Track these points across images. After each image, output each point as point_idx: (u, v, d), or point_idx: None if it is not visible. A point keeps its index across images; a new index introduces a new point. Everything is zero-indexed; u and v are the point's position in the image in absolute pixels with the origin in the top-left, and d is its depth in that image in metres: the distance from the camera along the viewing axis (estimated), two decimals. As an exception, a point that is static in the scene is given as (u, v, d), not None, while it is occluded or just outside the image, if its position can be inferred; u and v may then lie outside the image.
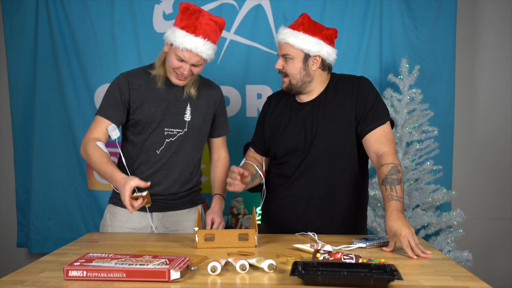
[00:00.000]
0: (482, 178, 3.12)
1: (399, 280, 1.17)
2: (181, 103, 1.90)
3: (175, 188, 1.94)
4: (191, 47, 1.74)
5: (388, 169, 1.66)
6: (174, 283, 1.22)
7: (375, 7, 2.87)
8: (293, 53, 1.82)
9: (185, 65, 1.78)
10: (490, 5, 3.05)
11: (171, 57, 1.78)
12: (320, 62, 1.84)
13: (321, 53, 1.82)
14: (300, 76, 1.83)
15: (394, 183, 1.64)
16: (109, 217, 1.96)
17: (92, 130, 1.86)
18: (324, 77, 1.89)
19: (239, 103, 2.97)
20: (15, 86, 3.01)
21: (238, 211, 2.92)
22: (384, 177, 1.66)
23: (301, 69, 1.83)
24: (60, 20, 2.92)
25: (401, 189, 1.63)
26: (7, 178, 3.16)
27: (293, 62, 1.82)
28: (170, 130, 1.89)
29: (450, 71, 2.90)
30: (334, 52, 1.86)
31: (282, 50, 1.84)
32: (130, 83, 1.86)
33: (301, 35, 1.81)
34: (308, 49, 1.80)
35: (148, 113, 1.86)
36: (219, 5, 2.92)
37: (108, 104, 1.85)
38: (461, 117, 3.03)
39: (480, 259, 2.98)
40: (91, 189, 2.99)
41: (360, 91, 1.82)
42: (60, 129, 2.97)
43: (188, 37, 1.74)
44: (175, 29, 1.77)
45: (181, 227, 1.98)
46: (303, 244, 1.55)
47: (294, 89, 1.87)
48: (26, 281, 1.24)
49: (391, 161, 1.68)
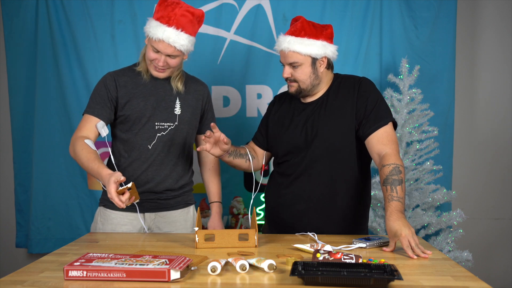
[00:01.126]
0: (482, 178, 3.12)
1: (399, 280, 1.17)
2: (170, 97, 1.91)
3: (169, 183, 1.94)
4: (163, 37, 1.75)
5: (390, 169, 1.67)
6: (174, 283, 1.22)
7: (375, 7, 2.88)
8: (301, 59, 1.81)
9: (160, 56, 1.79)
10: (490, 5, 3.06)
11: (148, 49, 1.81)
12: (326, 63, 1.85)
13: (327, 53, 1.83)
14: (310, 81, 1.84)
15: (395, 184, 1.64)
16: (100, 221, 1.95)
17: (80, 128, 1.84)
18: (329, 76, 1.91)
19: (239, 103, 2.97)
20: (15, 86, 3.00)
21: (238, 211, 2.92)
22: (385, 178, 1.66)
23: (310, 73, 1.83)
24: (60, 20, 2.92)
25: (402, 190, 1.63)
26: (6, 178, 3.16)
27: (302, 68, 1.82)
28: (161, 124, 1.89)
29: (450, 71, 2.90)
30: (336, 49, 1.88)
31: (289, 59, 1.82)
32: (116, 80, 1.87)
33: (306, 40, 1.79)
34: (316, 53, 1.80)
35: (137, 108, 1.87)
36: (219, 5, 2.92)
37: (94, 102, 1.86)
38: (461, 117, 3.03)
39: (480, 259, 2.98)
40: (91, 189, 2.99)
41: (362, 92, 1.82)
42: (60, 129, 2.97)
43: (161, 27, 1.75)
44: (151, 20, 1.80)
45: (174, 228, 1.98)
46: (303, 244, 1.55)
47: (303, 93, 1.88)
48: (26, 281, 1.24)
49: (393, 161, 1.68)
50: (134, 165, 1.91)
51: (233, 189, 2.99)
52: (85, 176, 2.99)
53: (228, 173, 2.97)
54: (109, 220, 1.93)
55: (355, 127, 1.81)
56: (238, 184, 2.99)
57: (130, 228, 1.92)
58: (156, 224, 1.96)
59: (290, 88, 1.88)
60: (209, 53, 2.93)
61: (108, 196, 1.60)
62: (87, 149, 1.77)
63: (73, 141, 1.82)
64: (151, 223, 1.95)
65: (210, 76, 2.93)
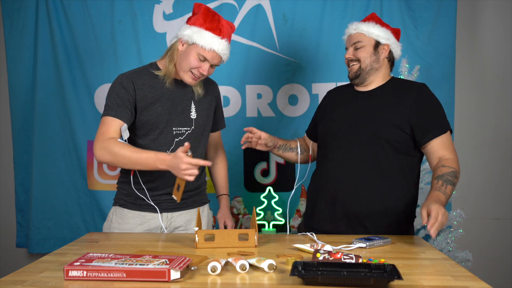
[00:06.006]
0: (482, 178, 3.11)
1: (399, 280, 1.17)
2: (186, 102, 1.91)
3: (187, 186, 1.94)
4: (217, 49, 1.79)
5: (449, 171, 1.74)
6: (174, 283, 1.22)
7: (375, 7, 2.87)
8: (365, 40, 1.90)
9: (206, 65, 1.81)
10: (490, 5, 3.05)
11: (191, 56, 1.79)
12: (388, 52, 1.92)
13: (390, 42, 1.92)
14: (370, 61, 1.90)
15: (448, 182, 1.71)
16: (116, 220, 1.93)
17: (105, 132, 1.77)
18: (388, 70, 1.96)
19: (239, 103, 2.97)
20: (15, 86, 3.01)
21: (238, 211, 2.92)
22: (442, 174, 1.73)
23: (371, 53, 1.90)
24: (60, 20, 2.92)
25: (451, 191, 1.71)
26: (6, 179, 3.16)
27: (364, 48, 1.91)
28: (178, 129, 1.89)
29: (450, 71, 2.90)
30: (400, 46, 1.98)
31: (354, 39, 1.92)
32: (134, 82, 1.84)
33: (372, 24, 1.91)
34: (379, 35, 1.90)
35: (155, 113, 1.85)
36: (219, 5, 2.92)
37: (116, 104, 1.79)
38: (461, 117, 3.03)
39: (480, 259, 2.98)
40: (91, 189, 2.99)
41: (424, 97, 1.85)
42: (60, 129, 2.97)
43: (216, 38, 1.78)
44: (199, 30, 1.79)
45: (191, 226, 1.98)
46: (303, 244, 1.55)
47: (361, 75, 1.91)
48: (26, 281, 1.24)
49: (454, 166, 1.76)
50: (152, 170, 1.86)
51: (233, 189, 2.98)
52: (85, 176, 2.99)
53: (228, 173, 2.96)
54: (126, 220, 1.92)
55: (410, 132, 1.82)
56: (238, 184, 3.00)
57: (146, 228, 1.91)
58: (173, 224, 1.95)
59: (350, 71, 1.94)
60: (209, 53, 2.93)
61: (184, 168, 1.59)
62: (127, 145, 1.73)
63: (104, 146, 1.73)
64: (167, 222, 1.94)
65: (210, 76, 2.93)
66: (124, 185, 1.94)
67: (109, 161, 1.75)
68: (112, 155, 1.72)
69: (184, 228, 1.97)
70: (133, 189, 1.89)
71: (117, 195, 1.98)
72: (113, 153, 1.72)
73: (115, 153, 1.71)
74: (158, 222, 1.92)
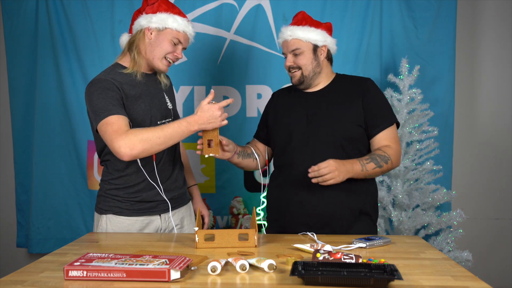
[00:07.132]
0: (482, 178, 3.12)
1: (399, 280, 1.17)
2: (160, 93, 1.92)
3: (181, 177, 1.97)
4: (188, 30, 1.83)
5: (381, 153, 1.78)
6: (174, 283, 1.22)
7: (375, 7, 2.87)
8: (303, 46, 1.88)
9: (179, 48, 1.84)
10: (490, 5, 3.05)
11: (165, 41, 1.80)
12: (326, 52, 1.92)
13: (327, 42, 1.91)
14: (312, 67, 1.89)
15: (373, 160, 1.76)
16: (111, 229, 1.84)
17: (118, 128, 1.63)
18: (329, 69, 1.96)
19: (239, 103, 2.97)
20: (15, 86, 3.01)
21: (238, 211, 2.92)
22: (372, 153, 1.79)
23: (312, 59, 1.89)
24: (60, 20, 2.92)
25: (372, 170, 1.76)
26: (7, 178, 3.16)
27: (304, 54, 1.89)
28: (162, 121, 1.87)
29: (450, 71, 2.90)
30: (335, 42, 1.96)
31: (291, 46, 1.90)
32: (114, 80, 1.76)
33: (307, 28, 1.89)
34: (316, 39, 1.88)
35: (140, 110, 1.80)
36: (219, 5, 2.92)
37: (111, 104, 1.69)
38: (461, 117, 3.03)
39: (480, 259, 2.98)
40: (91, 189, 2.99)
41: (369, 91, 1.88)
42: (60, 129, 2.97)
43: (185, 21, 1.82)
44: (169, 15, 1.80)
45: (185, 224, 1.98)
46: (303, 244, 1.55)
47: (305, 81, 1.92)
48: (26, 281, 1.24)
49: (390, 154, 1.80)
50: (147, 168, 1.84)
51: (233, 189, 2.99)
52: (85, 176, 2.99)
53: (228, 173, 2.97)
54: (123, 228, 1.84)
55: (363, 124, 1.85)
56: (238, 184, 3.00)
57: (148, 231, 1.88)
58: (170, 224, 1.93)
59: (293, 78, 1.93)
60: (209, 53, 2.93)
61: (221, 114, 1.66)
62: (149, 128, 1.67)
63: (128, 139, 1.60)
64: (165, 223, 1.92)
65: (210, 76, 2.93)
66: (118, 191, 1.85)
67: (143, 149, 1.62)
68: (144, 141, 1.61)
69: (180, 226, 1.97)
70: (132, 192, 1.84)
71: (107, 202, 1.86)
72: (144, 139, 1.61)
73: (146, 138, 1.61)
74: (157, 225, 1.89)
